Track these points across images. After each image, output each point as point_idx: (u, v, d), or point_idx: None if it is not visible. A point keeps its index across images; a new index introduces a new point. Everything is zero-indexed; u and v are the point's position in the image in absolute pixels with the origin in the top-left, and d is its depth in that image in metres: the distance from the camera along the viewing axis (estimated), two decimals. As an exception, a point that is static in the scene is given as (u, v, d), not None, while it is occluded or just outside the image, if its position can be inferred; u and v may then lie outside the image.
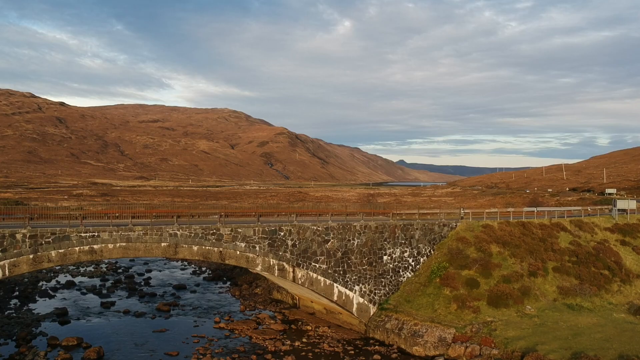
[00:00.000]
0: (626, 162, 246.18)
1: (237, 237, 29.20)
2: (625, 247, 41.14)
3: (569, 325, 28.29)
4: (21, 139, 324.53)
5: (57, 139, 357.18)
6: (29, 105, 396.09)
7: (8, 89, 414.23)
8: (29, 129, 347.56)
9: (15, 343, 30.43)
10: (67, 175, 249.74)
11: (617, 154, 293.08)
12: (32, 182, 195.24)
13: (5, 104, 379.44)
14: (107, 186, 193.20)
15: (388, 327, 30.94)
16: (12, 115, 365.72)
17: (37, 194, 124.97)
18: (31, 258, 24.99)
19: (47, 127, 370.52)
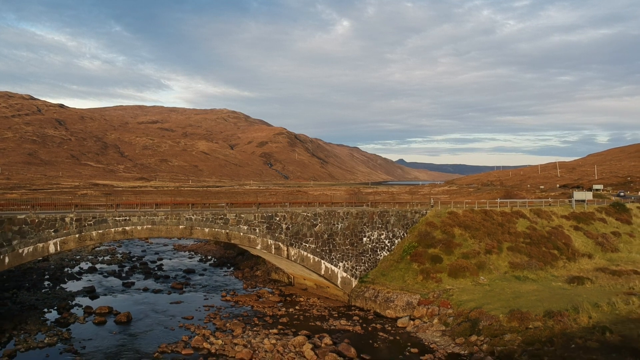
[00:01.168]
0: (621, 159, 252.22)
1: (240, 221, 36.10)
2: (578, 232, 48.01)
3: (513, 291, 35.17)
4: (21, 141, 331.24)
5: (57, 140, 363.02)
6: (28, 107, 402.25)
7: (7, 92, 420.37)
8: (29, 131, 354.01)
9: (57, 312, 37.28)
10: (68, 177, 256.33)
11: (613, 151, 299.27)
12: (34, 183, 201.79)
13: (4, 107, 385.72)
14: (109, 187, 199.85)
15: (366, 295, 37.85)
16: (12, 118, 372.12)
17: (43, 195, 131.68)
18: (77, 237, 31.90)
19: (46, 129, 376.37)
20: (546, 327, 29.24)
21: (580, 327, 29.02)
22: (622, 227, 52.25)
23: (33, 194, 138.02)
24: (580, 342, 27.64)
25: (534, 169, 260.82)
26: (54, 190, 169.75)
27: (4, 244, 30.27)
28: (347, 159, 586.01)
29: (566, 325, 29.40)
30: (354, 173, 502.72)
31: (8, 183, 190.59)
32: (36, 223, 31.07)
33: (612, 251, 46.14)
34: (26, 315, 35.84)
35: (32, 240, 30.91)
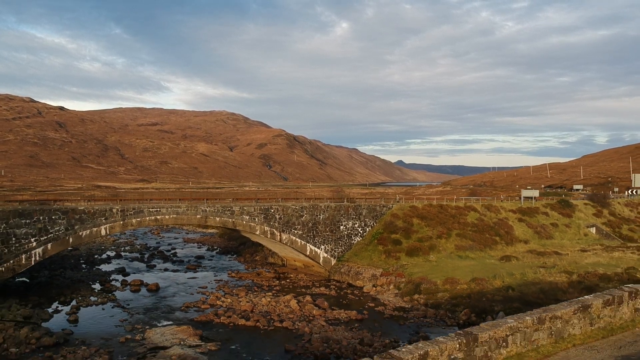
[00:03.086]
0: (613, 160, 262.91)
1: (243, 212, 47.69)
2: (521, 223, 59.58)
3: (453, 266, 46.72)
4: (23, 144, 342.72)
5: (58, 143, 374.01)
6: (28, 110, 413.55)
7: (7, 94, 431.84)
8: (30, 134, 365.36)
9: (100, 284, 48.79)
10: (70, 179, 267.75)
11: (608, 152, 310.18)
12: (38, 185, 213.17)
13: (5, 109, 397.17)
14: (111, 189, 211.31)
15: (342, 271, 49.44)
16: (13, 120, 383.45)
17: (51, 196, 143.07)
18: (121, 223, 43.49)
19: (47, 131, 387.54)
20: (469, 288, 40.80)
21: (494, 288, 40.57)
22: (562, 220, 63.82)
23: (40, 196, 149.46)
24: (490, 297, 39.21)
25: (527, 170, 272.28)
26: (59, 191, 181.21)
27: (69, 228, 41.90)
28: (345, 161, 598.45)
29: (484, 286, 40.96)
30: (353, 174, 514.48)
31: (12, 185, 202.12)
32: (91, 213, 42.69)
33: (547, 238, 57.69)
34: (77, 285, 47.39)
35: (89, 225, 42.53)
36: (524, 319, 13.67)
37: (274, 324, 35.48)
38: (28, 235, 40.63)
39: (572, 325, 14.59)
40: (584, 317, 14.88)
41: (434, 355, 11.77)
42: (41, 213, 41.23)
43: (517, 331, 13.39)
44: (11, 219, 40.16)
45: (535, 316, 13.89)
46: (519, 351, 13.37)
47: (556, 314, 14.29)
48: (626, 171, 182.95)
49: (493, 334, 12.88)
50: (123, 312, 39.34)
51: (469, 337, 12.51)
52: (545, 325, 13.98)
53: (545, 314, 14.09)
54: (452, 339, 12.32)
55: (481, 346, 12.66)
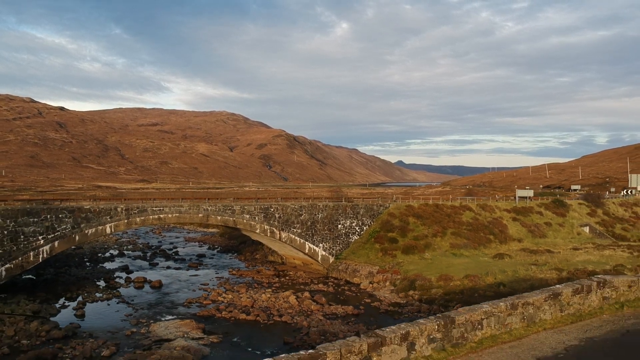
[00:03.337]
0: (612, 160, 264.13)
1: (244, 211, 49.20)
2: (515, 222, 61.08)
3: (447, 263, 48.22)
4: (23, 144, 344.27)
5: (59, 143, 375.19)
6: (29, 110, 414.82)
7: (8, 94, 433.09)
8: (30, 134, 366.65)
9: (104, 281, 50.29)
10: (71, 179, 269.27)
11: (607, 152, 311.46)
12: (38, 185, 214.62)
13: (5, 109, 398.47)
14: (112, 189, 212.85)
15: (340, 268, 50.95)
16: (13, 121, 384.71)
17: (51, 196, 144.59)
18: (126, 222, 45.01)
19: (48, 131, 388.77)
20: (462, 284, 42.30)
21: (486, 284, 42.06)
22: (556, 219, 65.32)
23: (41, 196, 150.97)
24: (482, 292, 40.68)
25: (526, 171, 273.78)
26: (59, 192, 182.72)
27: (75, 226, 43.43)
28: (345, 161, 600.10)
29: (476, 283, 42.46)
30: (353, 175, 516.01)
31: (13, 185, 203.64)
32: (97, 211, 44.22)
33: (540, 237, 59.19)
34: (82, 282, 48.92)
35: (94, 224, 44.06)
36: (498, 304, 15.20)
37: (274, 319, 37.00)
38: (36, 233, 42.15)
39: (543, 311, 16.11)
40: (555, 304, 16.41)
41: (414, 334, 13.29)
42: (48, 212, 42.76)
43: (491, 315, 14.91)
44: (19, 217, 41.69)
45: (509, 302, 15.42)
46: (493, 333, 14.89)
47: (528, 300, 15.82)
48: (624, 171, 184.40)
49: (469, 317, 14.40)
50: (128, 307, 40.87)
51: (446, 320, 14.03)
52: (518, 310, 15.50)
53: (518, 301, 15.62)
54: (432, 321, 13.84)
55: (458, 328, 14.18)
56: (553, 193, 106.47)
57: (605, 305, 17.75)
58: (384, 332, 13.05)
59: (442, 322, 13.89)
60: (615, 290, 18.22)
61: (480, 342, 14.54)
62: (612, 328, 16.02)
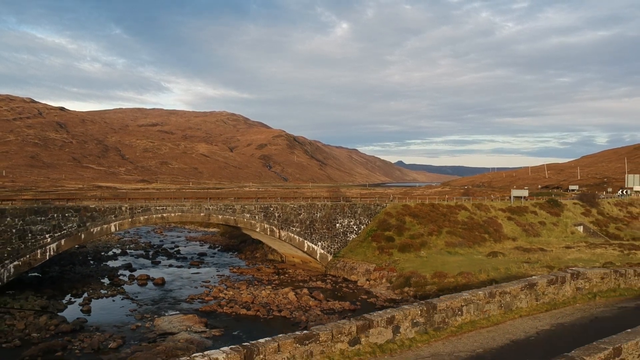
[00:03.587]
0: (611, 160, 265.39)
1: (244, 211, 50.74)
2: (510, 221, 62.60)
3: (442, 261, 49.72)
4: (23, 144, 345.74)
5: (59, 143, 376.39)
6: (29, 110, 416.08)
7: (8, 95, 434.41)
8: (31, 134, 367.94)
9: (108, 279, 51.80)
10: (71, 179, 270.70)
11: (607, 152, 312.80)
12: (39, 186, 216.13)
13: (6, 110, 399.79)
14: (112, 189, 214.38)
15: (338, 266, 52.48)
16: (14, 121, 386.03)
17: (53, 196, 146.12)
18: (130, 220, 46.54)
19: (48, 132, 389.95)
20: (456, 281, 43.81)
21: (479, 281, 43.56)
22: (550, 218, 66.83)
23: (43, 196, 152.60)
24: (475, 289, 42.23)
25: (526, 171, 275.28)
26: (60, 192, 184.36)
27: (81, 225, 44.98)
28: (345, 161, 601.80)
29: (470, 280, 43.97)
30: (353, 175, 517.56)
31: (14, 185, 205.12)
32: (102, 210, 45.76)
33: (534, 236, 60.71)
34: (87, 280, 50.45)
35: (99, 222, 45.60)
36: (477, 293, 16.73)
37: (273, 314, 38.54)
38: (43, 231, 43.69)
39: (519, 299, 17.65)
40: (530, 294, 17.94)
41: (399, 318, 14.83)
42: (55, 211, 44.30)
43: (470, 303, 16.44)
44: (27, 216, 43.22)
45: (487, 291, 16.95)
46: (472, 319, 16.41)
47: (505, 289, 17.35)
48: (623, 172, 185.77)
49: (450, 304, 15.94)
50: (132, 303, 42.41)
51: (429, 306, 15.56)
52: (495, 298, 17.03)
53: (496, 290, 17.15)
54: (415, 307, 15.38)
55: (439, 313, 15.72)
56: (550, 193, 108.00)
57: (579, 295, 19.28)
58: (371, 316, 14.60)
59: (424, 307, 15.42)
60: (589, 281, 19.75)
61: (460, 326, 16.06)
62: (582, 315, 17.55)
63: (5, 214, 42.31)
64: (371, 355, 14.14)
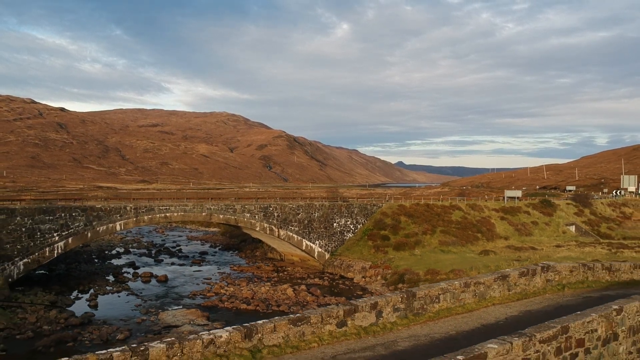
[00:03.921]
0: (611, 161, 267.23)
1: (244, 210, 52.74)
2: (503, 221, 64.58)
3: (436, 259, 51.71)
4: (24, 145, 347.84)
5: (59, 144, 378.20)
6: (29, 111, 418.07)
7: (9, 95, 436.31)
8: (31, 135, 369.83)
9: (113, 276, 53.82)
10: (72, 180, 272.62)
11: (606, 153, 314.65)
12: (40, 186, 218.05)
13: (6, 110, 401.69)
14: (113, 190, 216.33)
15: (335, 264, 54.47)
16: (14, 122, 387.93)
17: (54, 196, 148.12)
18: (134, 219, 48.55)
19: (48, 132, 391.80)
20: (447, 278, 45.72)
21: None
22: (542, 218, 68.82)
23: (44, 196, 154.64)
24: (465, 285, 44.23)
25: (525, 172, 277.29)
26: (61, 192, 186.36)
27: (88, 224, 46.99)
28: (346, 162, 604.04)
29: (461, 276, 45.89)
30: (353, 175, 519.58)
31: (15, 186, 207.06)
32: (108, 210, 47.77)
33: (526, 235, 62.68)
34: (93, 277, 52.46)
35: (105, 221, 47.61)
36: (453, 283, 18.73)
37: (272, 308, 40.54)
38: (51, 230, 45.71)
39: (492, 289, 19.63)
40: (503, 284, 19.93)
41: (382, 304, 16.82)
42: (63, 210, 46.33)
43: (447, 292, 18.43)
44: (36, 215, 45.24)
45: (463, 281, 18.95)
46: (449, 306, 18.40)
47: (480, 280, 19.34)
48: (620, 172, 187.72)
49: (428, 292, 17.93)
50: (137, 298, 44.42)
51: (409, 294, 17.55)
52: (470, 288, 19.02)
53: (471, 280, 19.14)
54: (397, 295, 17.37)
55: (418, 300, 17.70)
56: (546, 193, 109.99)
57: (549, 286, 21.28)
58: (357, 302, 16.59)
59: (405, 295, 17.41)
60: (558, 274, 21.74)
61: (438, 312, 18.05)
62: (549, 304, 19.54)
63: (15, 213, 44.34)
64: (356, 336, 16.12)
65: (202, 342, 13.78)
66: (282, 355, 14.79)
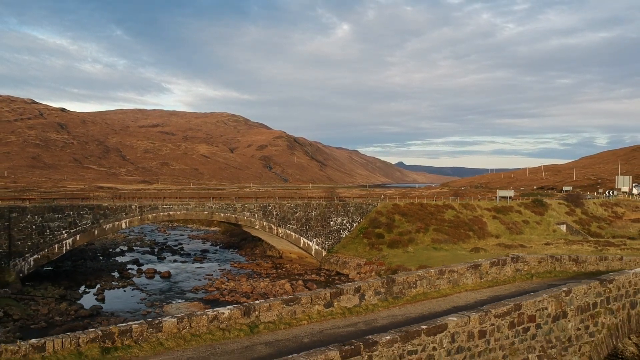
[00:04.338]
0: (610, 162, 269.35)
1: (244, 209, 55.17)
2: (495, 220, 66.98)
3: (428, 256, 54.11)
4: (25, 145, 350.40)
5: (60, 144, 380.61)
6: (30, 111, 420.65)
7: (9, 96, 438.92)
8: (32, 135, 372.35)
9: (118, 272, 56.26)
10: (72, 180, 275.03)
11: (605, 154, 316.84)
12: (41, 186, 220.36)
13: (7, 111, 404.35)
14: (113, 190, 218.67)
15: (332, 261, 56.90)
16: (15, 122, 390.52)
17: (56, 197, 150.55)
18: (139, 218, 51.00)
19: (49, 133, 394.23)
20: (438, 273, 48.16)
21: (459, 273, 47.97)
22: (534, 217, 71.23)
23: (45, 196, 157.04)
24: (454, 280, 46.62)
25: (524, 172, 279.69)
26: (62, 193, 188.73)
27: (95, 222, 49.46)
28: (346, 162, 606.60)
29: (451, 272, 48.36)
30: (353, 176, 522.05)
31: (16, 186, 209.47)
32: (114, 209, 50.23)
33: (517, 234, 65.09)
34: (98, 273, 54.93)
35: (111, 219, 50.07)
36: (429, 270, 21.15)
37: (270, 301, 42.96)
38: (60, 227, 48.18)
39: (465, 277, 22.06)
40: (475, 273, 22.35)
41: (364, 288, 19.24)
42: (71, 209, 48.80)
43: (424, 278, 20.86)
44: (46, 213, 47.71)
45: (438, 269, 21.38)
46: (425, 291, 20.82)
47: (454, 269, 21.76)
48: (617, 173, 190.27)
49: (406, 279, 20.35)
50: (142, 293, 46.88)
51: (389, 280, 19.98)
52: (445, 275, 21.45)
53: (445, 269, 21.57)
54: (378, 280, 19.80)
55: (397, 286, 20.12)
56: (539, 193, 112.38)
57: (518, 275, 23.71)
58: (342, 286, 19.03)
59: (385, 281, 19.84)
60: (527, 264, 24.17)
61: (415, 296, 20.47)
62: (517, 290, 21.96)
63: (26, 211, 46.82)
64: (341, 315, 18.55)
65: (207, 318, 16.21)
66: (276, 330, 17.19)
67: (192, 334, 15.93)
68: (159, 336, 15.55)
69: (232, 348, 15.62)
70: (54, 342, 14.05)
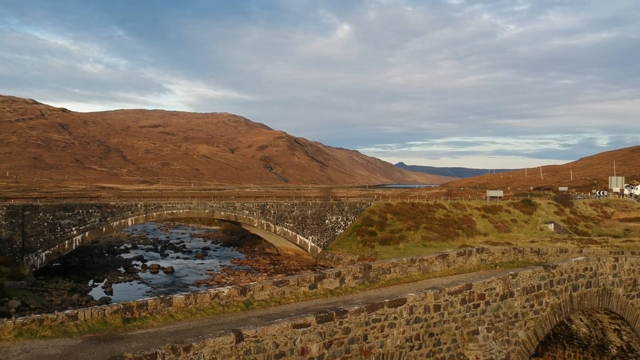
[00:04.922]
0: (608, 162, 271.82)
1: (244, 208, 58.57)
2: (484, 219, 70.30)
3: (417, 252, 57.32)
4: (26, 145, 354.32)
5: (61, 144, 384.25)
6: (31, 111, 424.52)
7: (11, 96, 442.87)
8: (33, 135, 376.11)
9: (123, 268, 59.66)
10: (74, 180, 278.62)
11: (605, 154, 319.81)
12: (43, 187, 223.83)
13: (9, 111, 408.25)
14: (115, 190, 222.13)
15: (327, 257, 60.30)
16: (16, 122, 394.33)
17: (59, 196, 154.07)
18: (144, 216, 54.42)
19: (50, 133, 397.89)
20: (426, 268, 51.52)
21: (446, 269, 51.31)
22: (522, 217, 74.55)
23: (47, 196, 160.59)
24: (440, 275, 49.95)
25: (522, 173, 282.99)
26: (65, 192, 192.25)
27: (102, 219, 52.89)
28: (346, 162, 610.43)
29: (438, 267, 51.70)
30: (353, 176, 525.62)
31: (18, 186, 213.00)
32: (120, 207, 53.67)
33: (505, 232, 68.39)
34: (105, 268, 58.36)
35: (118, 217, 53.50)
36: (402, 259, 24.50)
37: (267, 294, 46.33)
38: (70, 225, 51.62)
39: (435, 265, 25.41)
40: (443, 261, 25.70)
41: (344, 273, 22.59)
42: (80, 207, 52.24)
43: (397, 265, 24.20)
44: (57, 211, 51.15)
45: (409, 258, 24.73)
46: (398, 277, 24.17)
47: (424, 258, 25.12)
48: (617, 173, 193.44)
49: (381, 266, 23.70)
50: (147, 286, 50.31)
51: (366, 266, 23.33)
52: (416, 264, 24.80)
53: (416, 257, 24.92)
54: (356, 267, 23.15)
55: (374, 272, 23.47)
56: (536, 194, 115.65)
57: (483, 265, 27.07)
58: (325, 271, 22.40)
59: (362, 267, 23.20)
60: (491, 255, 27.52)
61: (388, 281, 23.82)
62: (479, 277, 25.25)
63: (38, 209, 50.28)
64: (324, 296, 21.90)
65: (210, 295, 19.57)
66: (268, 307, 20.55)
67: (197, 309, 19.29)
68: (169, 309, 18.91)
69: (231, 320, 18.99)
70: (84, 313, 17.38)
